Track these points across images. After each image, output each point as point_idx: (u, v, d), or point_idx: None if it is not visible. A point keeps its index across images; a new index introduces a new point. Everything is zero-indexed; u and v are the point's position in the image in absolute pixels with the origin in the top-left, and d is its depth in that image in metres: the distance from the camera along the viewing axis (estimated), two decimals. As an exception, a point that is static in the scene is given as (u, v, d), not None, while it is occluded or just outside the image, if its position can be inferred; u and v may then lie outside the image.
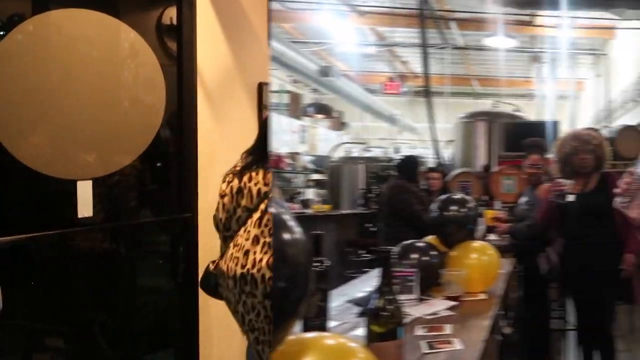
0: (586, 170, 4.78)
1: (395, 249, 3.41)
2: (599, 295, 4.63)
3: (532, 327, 5.74)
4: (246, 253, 2.29)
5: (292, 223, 1.43)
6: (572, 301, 5.16)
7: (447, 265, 3.53)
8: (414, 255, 3.40)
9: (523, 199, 5.98)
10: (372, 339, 1.92)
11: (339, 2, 13.02)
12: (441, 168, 9.70)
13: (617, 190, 1.75)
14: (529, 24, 14.59)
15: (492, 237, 5.63)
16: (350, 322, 2.83)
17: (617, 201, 1.72)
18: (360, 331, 2.15)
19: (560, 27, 13.53)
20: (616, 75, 16.54)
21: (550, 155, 6.67)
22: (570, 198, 4.72)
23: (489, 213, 6.27)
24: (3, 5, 1.46)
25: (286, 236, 1.40)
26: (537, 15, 14.15)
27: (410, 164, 7.38)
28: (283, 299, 1.35)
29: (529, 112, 15.01)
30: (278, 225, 1.43)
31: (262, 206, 2.34)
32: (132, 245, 3.84)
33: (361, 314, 2.85)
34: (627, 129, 10.99)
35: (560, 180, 4.83)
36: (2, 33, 1.32)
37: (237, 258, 2.31)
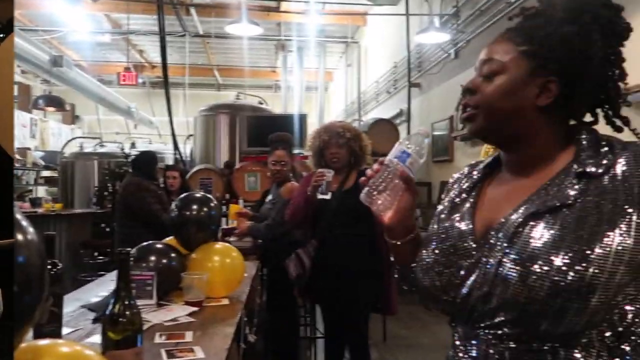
0: (338, 164, 4.86)
1: (133, 251, 3.42)
2: (355, 296, 4.71)
3: (278, 334, 5.89)
4: None
5: (24, 223, 1.46)
6: (322, 306, 5.18)
7: (187, 268, 3.60)
8: (152, 258, 3.47)
9: (269, 197, 6.07)
10: (108, 347, 1.97)
11: (72, -13, 12.91)
12: (181, 165, 9.84)
13: (362, 180, 1.77)
14: (274, 9, 14.97)
15: (232, 238, 5.77)
16: (85, 329, 2.82)
17: (363, 194, 1.77)
18: (97, 338, 2.18)
19: (308, 13, 13.97)
20: (368, 65, 17.28)
21: (297, 151, 6.91)
22: (327, 196, 4.70)
23: (234, 208, 6.42)
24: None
25: (18, 237, 1.43)
26: (283, 1, 14.56)
27: (147, 160, 7.41)
28: (16, 304, 1.37)
29: (275, 105, 15.35)
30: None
31: None
32: None
33: (96, 320, 2.91)
34: (380, 122, 11.65)
35: (323, 170, 4.77)
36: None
37: None
